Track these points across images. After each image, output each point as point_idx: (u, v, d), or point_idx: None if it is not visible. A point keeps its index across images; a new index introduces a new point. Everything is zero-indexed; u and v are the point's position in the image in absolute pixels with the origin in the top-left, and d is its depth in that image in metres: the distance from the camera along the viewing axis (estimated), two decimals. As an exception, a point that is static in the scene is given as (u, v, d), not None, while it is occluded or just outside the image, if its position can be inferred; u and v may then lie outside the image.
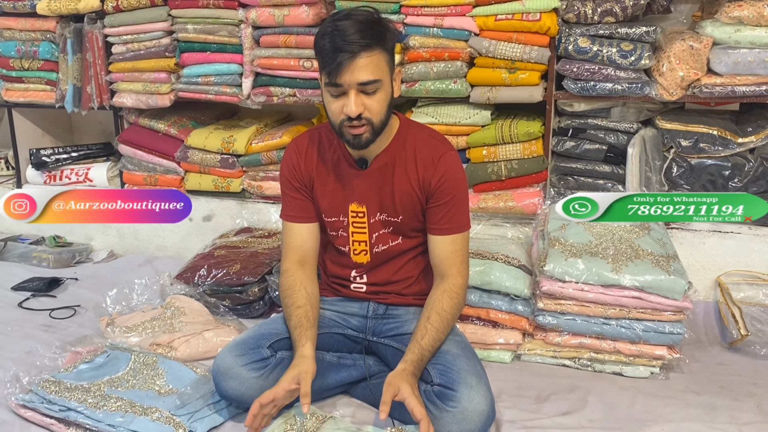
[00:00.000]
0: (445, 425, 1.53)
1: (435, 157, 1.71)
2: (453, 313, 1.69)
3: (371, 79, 1.56)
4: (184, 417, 1.61)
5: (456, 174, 1.73)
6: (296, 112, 3.11)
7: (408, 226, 1.77)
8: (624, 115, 2.44)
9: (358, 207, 1.76)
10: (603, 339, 1.96)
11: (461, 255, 1.74)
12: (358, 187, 1.75)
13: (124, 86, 2.84)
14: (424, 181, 1.72)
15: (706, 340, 2.13)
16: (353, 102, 1.56)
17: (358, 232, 1.78)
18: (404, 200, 1.73)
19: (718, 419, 1.69)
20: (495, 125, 2.44)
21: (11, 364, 1.89)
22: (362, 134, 1.62)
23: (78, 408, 1.62)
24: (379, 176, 1.74)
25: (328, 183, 1.78)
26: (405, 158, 1.73)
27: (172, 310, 2.22)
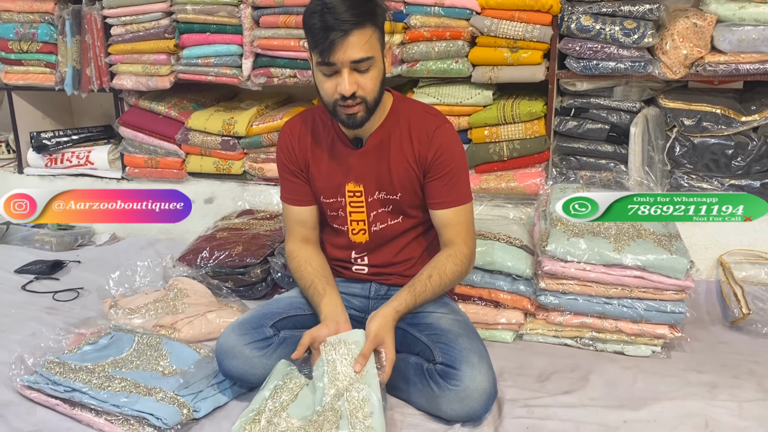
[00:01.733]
0: (447, 403, 1.54)
1: (429, 131, 1.70)
2: (453, 279, 1.71)
3: (364, 57, 1.54)
4: (189, 397, 1.62)
5: (452, 146, 1.71)
6: (296, 94, 3.09)
7: (407, 203, 1.76)
8: (627, 94, 2.42)
9: (355, 186, 1.75)
10: (605, 318, 1.96)
11: (466, 226, 1.73)
12: (355, 166, 1.74)
13: (124, 68, 2.83)
14: (420, 156, 1.71)
15: (708, 319, 2.13)
16: (347, 81, 1.54)
17: (356, 211, 1.77)
18: (402, 177, 1.73)
19: (719, 397, 1.70)
20: (497, 105, 2.42)
21: (16, 346, 1.90)
22: (356, 113, 1.60)
23: (83, 389, 1.63)
24: (375, 154, 1.73)
25: (324, 164, 1.78)
26: (400, 134, 1.72)
27: (174, 291, 2.23)
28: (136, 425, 1.55)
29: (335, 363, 1.55)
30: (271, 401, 1.52)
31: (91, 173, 3.07)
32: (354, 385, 1.51)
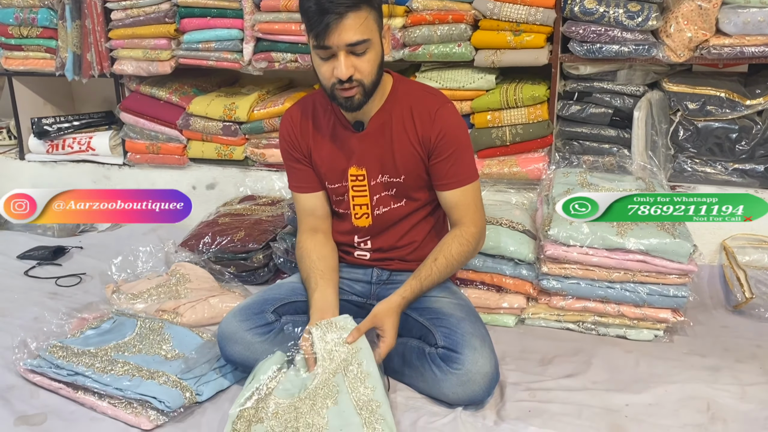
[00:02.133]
0: (449, 387, 1.55)
1: (431, 112, 1.69)
2: (460, 259, 1.71)
3: (360, 39, 1.52)
4: (191, 381, 1.62)
5: (455, 126, 1.70)
6: (298, 79, 3.08)
7: (411, 186, 1.75)
8: (630, 78, 2.40)
9: (358, 170, 1.74)
10: (607, 303, 1.96)
11: (473, 205, 1.73)
12: (356, 150, 1.73)
13: (124, 53, 2.81)
14: (423, 137, 1.69)
15: (711, 303, 2.13)
16: (343, 64, 1.53)
17: (359, 195, 1.77)
18: (405, 159, 1.71)
19: (722, 380, 1.70)
20: (500, 89, 2.41)
21: (19, 331, 1.91)
22: (354, 96, 1.59)
23: (86, 372, 1.63)
24: (376, 137, 1.71)
25: (326, 149, 1.77)
26: (402, 116, 1.70)
27: (177, 277, 2.23)
28: (139, 408, 1.56)
29: (325, 344, 1.55)
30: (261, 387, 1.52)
31: (92, 159, 3.07)
32: (350, 361, 1.52)
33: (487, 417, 1.56)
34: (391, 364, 1.69)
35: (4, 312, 2.10)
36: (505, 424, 1.53)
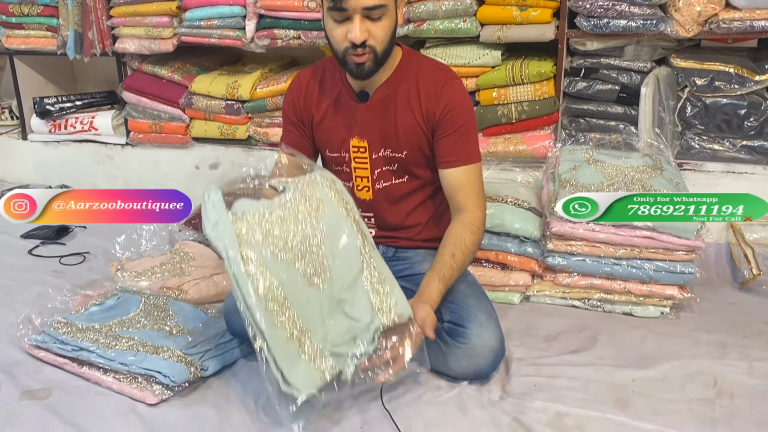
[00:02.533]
0: (455, 361, 1.54)
1: (438, 87, 1.65)
2: (474, 250, 1.65)
3: (377, 4, 1.49)
4: (196, 356, 1.62)
5: (461, 102, 1.66)
6: (301, 57, 3.05)
7: (413, 162, 1.73)
8: (638, 54, 2.37)
9: (360, 142, 1.72)
10: (613, 279, 1.95)
11: (476, 187, 1.68)
12: (360, 120, 1.71)
13: (126, 31, 2.78)
14: (428, 113, 1.66)
15: (718, 280, 2.12)
16: (358, 28, 1.50)
17: (360, 167, 1.75)
18: (408, 133, 1.69)
19: (729, 356, 1.69)
20: (505, 66, 2.38)
21: (23, 308, 1.90)
22: (365, 63, 1.56)
23: (90, 348, 1.63)
24: (380, 109, 1.69)
25: (329, 117, 1.75)
26: (407, 89, 1.68)
27: (181, 255, 2.22)
28: (144, 383, 1.56)
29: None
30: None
31: (95, 139, 3.05)
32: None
33: (493, 391, 1.55)
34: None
35: (9, 290, 2.10)
36: (511, 399, 1.53)
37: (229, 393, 1.56)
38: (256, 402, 1.52)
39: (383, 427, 1.43)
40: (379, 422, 1.45)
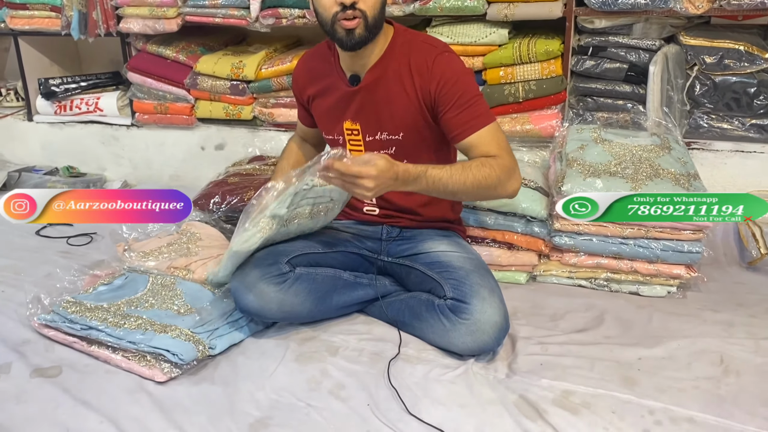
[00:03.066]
0: (458, 336, 1.55)
1: (429, 62, 1.61)
2: (481, 179, 1.53)
3: None
4: (204, 334, 1.63)
5: (455, 73, 1.60)
6: (306, 36, 3.03)
7: (411, 144, 1.70)
8: (646, 32, 2.34)
9: (352, 125, 1.72)
10: (620, 259, 1.94)
11: (495, 143, 1.58)
12: (351, 104, 1.70)
13: (130, 11, 2.77)
14: (422, 90, 1.62)
15: (725, 260, 2.11)
16: None
17: (355, 149, 1.74)
18: (402, 114, 1.66)
19: (736, 335, 1.69)
20: (512, 44, 2.36)
21: (32, 287, 1.92)
22: (355, 29, 1.54)
23: (99, 326, 1.64)
24: (371, 92, 1.67)
25: (325, 101, 1.76)
26: (399, 70, 1.64)
27: (188, 236, 2.22)
28: (152, 361, 1.57)
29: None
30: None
31: (100, 120, 3.05)
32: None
33: (499, 370, 1.56)
34: (400, 317, 1.69)
35: (17, 270, 2.11)
36: (517, 377, 1.53)
37: (237, 371, 1.57)
38: (264, 380, 1.53)
39: (390, 404, 1.44)
40: (385, 400, 1.46)
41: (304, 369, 1.57)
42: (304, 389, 1.50)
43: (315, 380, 1.53)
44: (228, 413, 1.43)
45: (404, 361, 1.57)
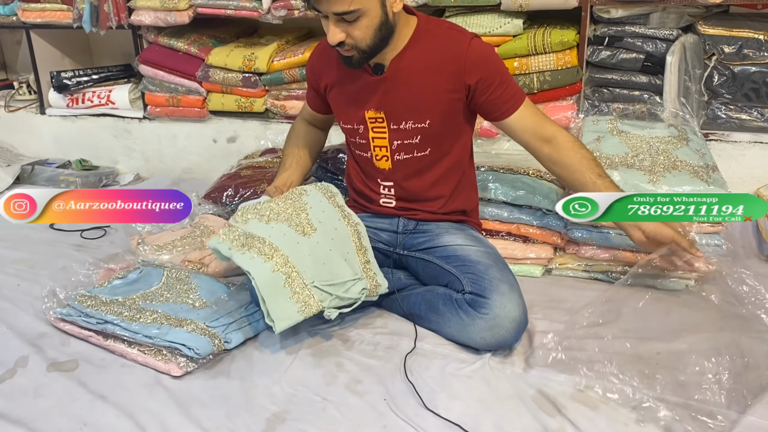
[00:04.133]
0: (477, 332, 1.54)
1: (463, 49, 1.64)
2: (592, 155, 1.73)
3: (347, 11, 1.49)
4: (219, 328, 1.63)
5: (489, 56, 1.68)
6: (317, 28, 3.01)
7: (437, 131, 1.71)
8: (663, 21, 2.31)
9: (376, 113, 1.71)
10: (637, 252, 1.92)
11: (540, 117, 1.73)
12: (375, 93, 1.69)
13: (142, 3, 2.76)
14: (456, 77, 1.65)
15: (743, 253, 2.08)
16: (331, 31, 1.53)
17: (379, 137, 1.74)
18: (431, 101, 1.67)
19: (754, 328, 1.66)
20: (527, 35, 2.33)
21: (47, 281, 1.92)
22: (351, 56, 1.59)
23: (114, 320, 1.64)
24: (396, 81, 1.67)
25: (345, 88, 1.75)
26: (426, 57, 1.65)
27: (201, 229, 2.23)
28: (168, 355, 1.57)
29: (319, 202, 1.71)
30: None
31: (112, 113, 3.05)
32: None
33: (516, 364, 1.55)
34: (416, 311, 1.68)
35: (32, 263, 2.12)
36: (534, 371, 1.52)
37: (253, 365, 1.57)
38: (280, 374, 1.53)
39: (406, 399, 1.44)
40: (402, 394, 1.45)
41: (319, 363, 1.56)
42: (321, 383, 1.50)
43: (331, 374, 1.53)
44: (245, 408, 1.43)
45: (420, 356, 1.57)
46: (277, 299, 1.53)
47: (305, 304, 1.55)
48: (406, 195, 1.80)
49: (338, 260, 1.63)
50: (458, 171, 1.80)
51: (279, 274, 1.54)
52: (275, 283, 1.53)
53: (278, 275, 1.54)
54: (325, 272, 1.60)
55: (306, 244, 1.62)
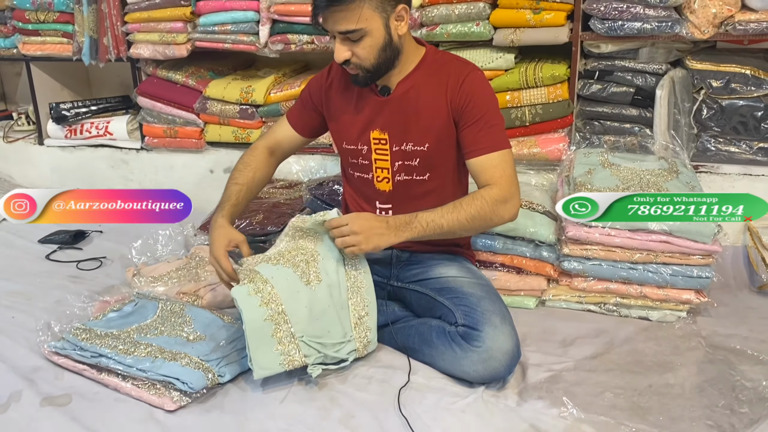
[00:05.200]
0: (470, 365, 1.54)
1: (461, 77, 1.68)
2: (470, 209, 1.61)
3: (351, 29, 1.56)
4: (213, 362, 1.63)
5: (483, 92, 1.69)
6: (314, 61, 3.06)
7: (435, 155, 1.73)
8: (653, 56, 2.36)
9: (381, 134, 1.74)
10: (629, 284, 1.94)
11: (500, 170, 1.64)
12: (381, 114, 1.73)
13: (141, 37, 2.81)
14: (452, 103, 1.68)
15: (735, 284, 2.10)
16: (337, 49, 1.60)
17: (381, 158, 1.77)
18: (430, 125, 1.70)
19: (746, 363, 1.68)
20: (519, 69, 2.38)
21: (42, 314, 1.93)
22: (357, 74, 1.65)
23: (109, 354, 1.65)
24: (402, 103, 1.71)
25: (350, 109, 1.78)
26: (429, 82, 1.70)
27: (196, 260, 2.24)
28: (162, 389, 1.57)
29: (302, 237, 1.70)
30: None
31: (110, 144, 3.08)
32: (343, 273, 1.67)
33: (509, 398, 1.55)
34: (410, 344, 1.69)
35: (28, 295, 2.12)
36: (528, 405, 1.53)
37: (247, 399, 1.57)
38: (274, 408, 1.53)
39: (400, 433, 1.44)
40: (396, 429, 1.45)
41: (313, 397, 1.57)
42: (315, 418, 1.50)
43: (325, 408, 1.53)
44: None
45: (414, 389, 1.57)
46: (262, 348, 1.55)
47: (289, 357, 1.56)
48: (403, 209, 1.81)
49: (333, 318, 1.63)
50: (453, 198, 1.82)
51: (269, 323, 1.55)
52: (263, 332, 1.54)
53: (268, 324, 1.55)
54: (317, 328, 1.60)
55: (306, 295, 1.61)
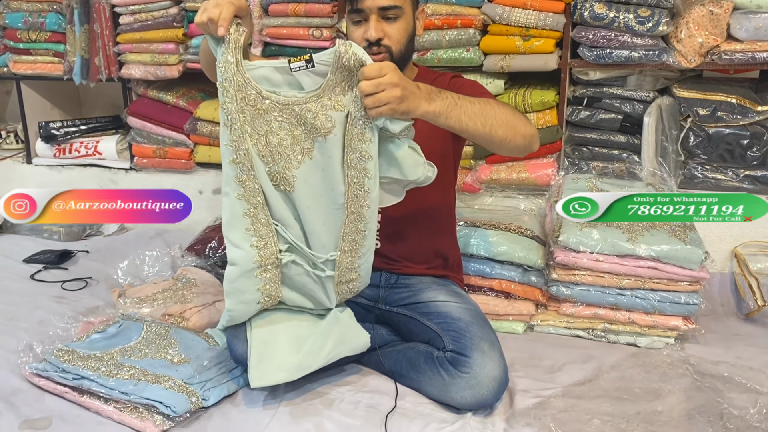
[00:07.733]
0: (458, 391, 1.53)
1: (447, 79, 1.75)
2: (497, 108, 1.51)
3: (392, 4, 1.60)
4: (197, 385, 1.61)
5: (474, 83, 1.73)
6: (306, 84, 3.07)
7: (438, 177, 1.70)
8: (640, 84, 2.39)
9: None
10: (617, 310, 1.94)
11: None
12: None
13: (132, 57, 2.81)
14: None
15: (722, 311, 2.11)
16: (373, 27, 1.61)
17: None
18: (426, 137, 1.64)
19: (734, 390, 1.67)
20: (508, 95, 2.40)
21: (24, 334, 1.89)
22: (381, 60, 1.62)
23: (91, 376, 1.62)
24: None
25: None
26: None
27: (183, 281, 2.22)
28: (144, 413, 1.54)
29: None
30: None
31: (99, 163, 3.07)
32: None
33: (497, 424, 1.53)
34: (398, 368, 1.67)
35: (11, 315, 2.09)
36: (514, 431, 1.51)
37: (231, 424, 1.55)
38: (257, 433, 1.51)
39: (386, 460, 1.42)
40: (382, 455, 1.43)
41: (298, 422, 1.54)
42: (299, 444, 1.48)
43: (310, 434, 1.51)
44: (220, 469, 1.41)
45: (401, 415, 1.55)
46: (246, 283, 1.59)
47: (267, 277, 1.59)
48: (392, 254, 1.80)
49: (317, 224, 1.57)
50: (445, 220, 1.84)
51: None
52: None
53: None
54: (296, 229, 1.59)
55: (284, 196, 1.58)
